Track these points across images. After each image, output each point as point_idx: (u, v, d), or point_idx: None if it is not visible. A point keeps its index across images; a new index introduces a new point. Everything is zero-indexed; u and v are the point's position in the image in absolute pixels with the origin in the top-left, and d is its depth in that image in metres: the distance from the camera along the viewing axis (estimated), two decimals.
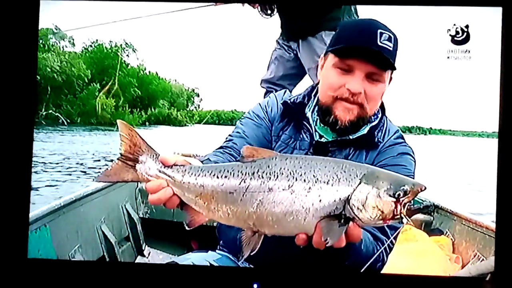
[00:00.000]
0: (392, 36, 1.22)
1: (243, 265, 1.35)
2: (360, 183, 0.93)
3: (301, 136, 1.34)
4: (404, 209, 0.92)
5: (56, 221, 2.04)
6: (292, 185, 0.93)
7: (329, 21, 2.68)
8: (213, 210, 0.98)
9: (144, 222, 2.96)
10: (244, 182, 0.95)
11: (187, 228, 1.04)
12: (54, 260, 1.64)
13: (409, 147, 1.35)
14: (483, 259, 2.29)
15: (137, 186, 2.98)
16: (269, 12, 2.93)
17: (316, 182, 0.93)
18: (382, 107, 1.37)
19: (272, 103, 1.41)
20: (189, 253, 1.36)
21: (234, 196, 0.96)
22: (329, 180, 0.93)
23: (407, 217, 0.92)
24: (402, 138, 1.36)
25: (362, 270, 1.19)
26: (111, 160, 2.18)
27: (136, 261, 2.77)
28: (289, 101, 1.38)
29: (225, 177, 0.97)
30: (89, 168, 9.67)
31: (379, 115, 1.36)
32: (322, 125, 1.33)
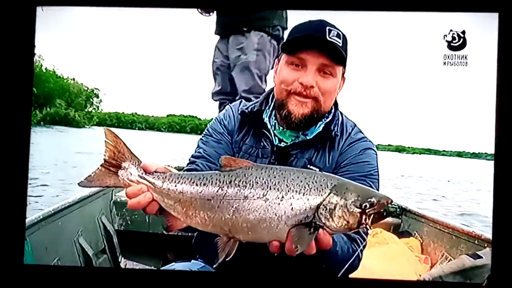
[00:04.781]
0: (341, 34, 1.23)
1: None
2: (329, 193, 0.95)
3: (261, 143, 1.33)
4: (369, 219, 0.94)
5: (36, 234, 2.02)
6: (266, 194, 0.95)
7: (258, 20, 2.71)
8: (191, 216, 1.00)
9: (120, 234, 2.92)
10: (222, 190, 0.97)
11: (165, 232, 1.06)
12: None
13: (369, 141, 1.35)
14: (451, 259, 2.33)
15: (112, 198, 2.94)
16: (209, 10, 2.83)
17: (288, 191, 0.95)
18: (335, 103, 1.37)
19: (228, 115, 1.41)
20: (173, 263, 1.35)
21: (211, 203, 0.97)
22: (300, 190, 0.95)
23: (370, 226, 0.95)
24: (361, 132, 1.37)
25: (340, 273, 1.19)
26: None
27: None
28: (246, 111, 1.37)
29: (204, 184, 0.99)
30: None
31: (333, 111, 1.35)
32: (279, 128, 1.33)
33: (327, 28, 1.21)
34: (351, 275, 1.26)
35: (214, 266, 1.22)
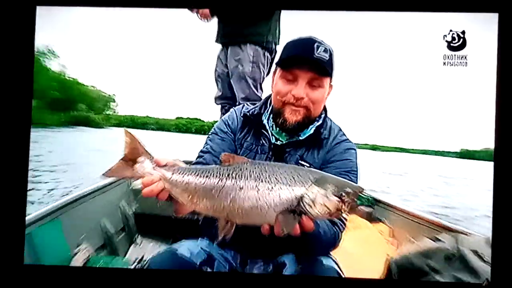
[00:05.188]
0: (328, 49, 1.24)
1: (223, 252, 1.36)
2: (311, 185, 0.97)
3: (261, 142, 1.35)
4: (346, 206, 0.96)
5: (66, 214, 2.04)
6: (258, 185, 0.98)
7: (254, 35, 2.68)
8: (195, 203, 1.02)
9: (136, 216, 2.95)
10: (221, 181, 1.00)
11: (174, 216, 1.12)
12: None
13: (351, 142, 1.37)
14: (413, 242, 2.36)
15: (130, 186, 2.96)
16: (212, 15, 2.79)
17: (277, 183, 0.98)
18: (325, 109, 1.39)
19: (232, 117, 1.42)
20: (183, 240, 1.35)
21: (212, 192, 1.00)
22: (287, 182, 0.98)
23: (347, 213, 0.98)
24: (345, 135, 1.38)
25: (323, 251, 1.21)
26: None
27: (128, 254, 2.74)
28: (248, 113, 1.39)
29: (206, 177, 1.02)
30: None
31: (322, 116, 1.37)
32: (277, 129, 1.34)
33: (315, 45, 1.22)
34: (346, 272, 1.27)
35: (215, 243, 1.30)
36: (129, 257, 2.59)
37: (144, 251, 2.73)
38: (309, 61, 1.21)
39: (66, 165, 9.11)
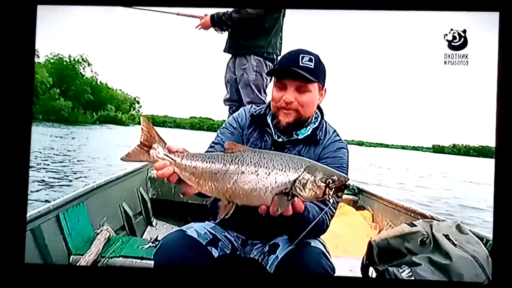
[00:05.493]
0: (313, 58, 1.24)
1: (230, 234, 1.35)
2: (303, 171, 0.98)
3: (264, 138, 1.35)
4: (331, 192, 0.97)
5: (90, 199, 2.04)
6: (257, 171, 0.98)
7: (256, 47, 2.71)
8: (201, 185, 1.02)
9: (153, 201, 2.95)
10: (225, 166, 1.00)
11: (182, 196, 1.12)
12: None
13: (344, 142, 1.37)
14: (393, 226, 2.35)
15: (147, 174, 2.95)
16: (224, 28, 2.79)
17: (273, 169, 0.98)
18: (321, 112, 1.39)
19: (242, 115, 1.42)
20: (191, 223, 1.34)
21: (217, 176, 1.00)
22: (282, 168, 0.98)
23: (334, 197, 0.98)
24: (339, 136, 1.38)
25: (310, 233, 1.19)
26: None
27: (145, 234, 2.73)
28: (255, 113, 1.40)
29: (212, 162, 1.01)
30: None
31: (319, 119, 1.37)
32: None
33: (300, 56, 1.23)
34: (334, 252, 1.24)
35: (217, 221, 1.30)
36: (145, 237, 2.57)
37: (159, 232, 2.73)
38: (293, 71, 1.22)
39: (94, 158, 9.18)
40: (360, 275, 1.56)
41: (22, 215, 1.20)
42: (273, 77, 1.33)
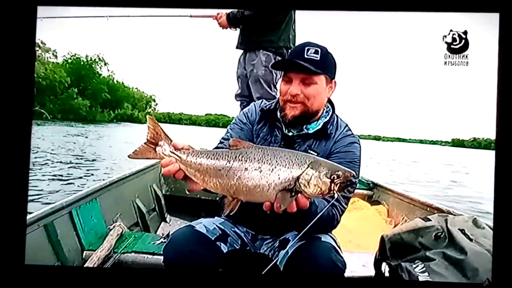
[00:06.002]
0: (320, 50, 1.23)
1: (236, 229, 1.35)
2: (307, 167, 0.96)
3: (274, 133, 1.34)
4: (336, 187, 0.95)
5: (103, 195, 2.07)
6: (261, 167, 0.97)
7: (266, 42, 2.71)
8: (206, 182, 1.02)
9: (166, 197, 2.97)
10: (229, 163, 0.99)
11: (187, 192, 1.15)
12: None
13: (356, 137, 1.35)
14: (408, 221, 2.30)
15: (160, 171, 2.97)
16: (238, 25, 2.79)
17: (277, 165, 0.96)
18: (332, 106, 1.37)
19: (252, 110, 1.42)
20: (201, 219, 1.35)
21: (221, 172, 0.99)
22: (286, 164, 0.96)
23: (338, 193, 0.95)
24: (351, 131, 1.35)
25: (320, 229, 1.18)
26: None
27: (158, 230, 2.74)
28: (265, 108, 1.39)
29: (216, 159, 1.01)
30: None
31: (330, 113, 1.35)
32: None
33: (306, 48, 1.22)
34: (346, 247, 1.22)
35: (223, 216, 1.30)
36: (158, 233, 2.60)
37: (172, 228, 2.75)
38: (296, 63, 1.21)
39: (110, 154, 9.36)
40: (373, 271, 1.54)
41: (22, 215, 1.19)
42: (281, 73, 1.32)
